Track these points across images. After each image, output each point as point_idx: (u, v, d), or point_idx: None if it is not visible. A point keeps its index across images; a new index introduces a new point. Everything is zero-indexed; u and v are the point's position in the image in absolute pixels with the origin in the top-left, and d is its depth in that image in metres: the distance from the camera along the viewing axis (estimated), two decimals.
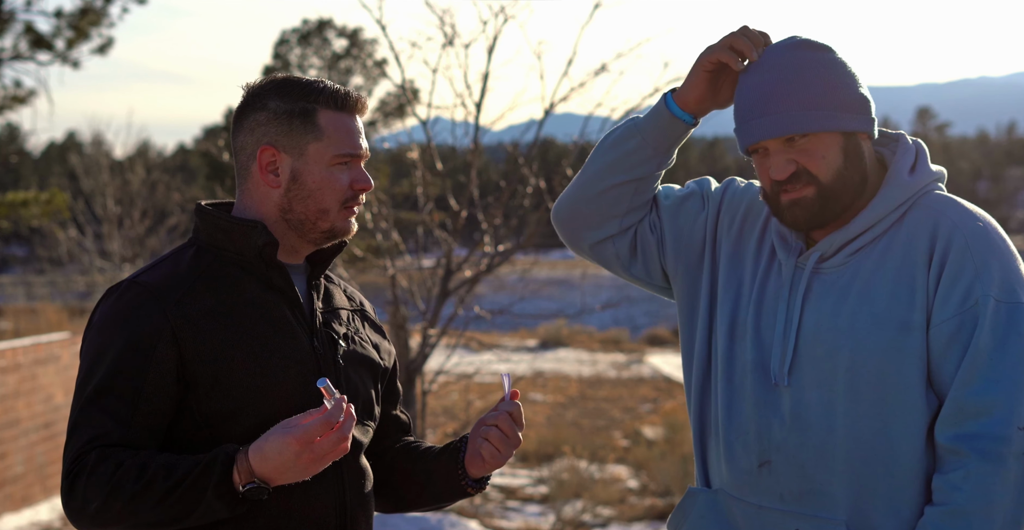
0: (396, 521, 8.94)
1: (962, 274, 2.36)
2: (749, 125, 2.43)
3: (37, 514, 9.59)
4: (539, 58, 9.17)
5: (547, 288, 27.49)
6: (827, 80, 2.41)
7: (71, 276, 26.91)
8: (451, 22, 9.13)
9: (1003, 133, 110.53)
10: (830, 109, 2.40)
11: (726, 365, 2.54)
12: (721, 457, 2.53)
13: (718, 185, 2.71)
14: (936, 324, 2.36)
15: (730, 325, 2.54)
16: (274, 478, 2.20)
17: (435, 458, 2.55)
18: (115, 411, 2.25)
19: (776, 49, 2.46)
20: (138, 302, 2.31)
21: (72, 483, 2.23)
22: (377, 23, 9.17)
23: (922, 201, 2.46)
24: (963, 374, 2.33)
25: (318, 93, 2.39)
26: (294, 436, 2.16)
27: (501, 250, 9.46)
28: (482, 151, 9.79)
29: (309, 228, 2.40)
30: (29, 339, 10.25)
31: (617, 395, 19.60)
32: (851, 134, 2.42)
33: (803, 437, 2.41)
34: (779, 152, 2.41)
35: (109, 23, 19.96)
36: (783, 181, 2.41)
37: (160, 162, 39.81)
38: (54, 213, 19.95)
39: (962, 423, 2.32)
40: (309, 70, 38.75)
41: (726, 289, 2.58)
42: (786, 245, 2.51)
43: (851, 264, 2.44)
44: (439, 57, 9.16)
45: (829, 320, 2.41)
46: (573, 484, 10.80)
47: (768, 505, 2.46)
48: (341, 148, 2.39)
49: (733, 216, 2.63)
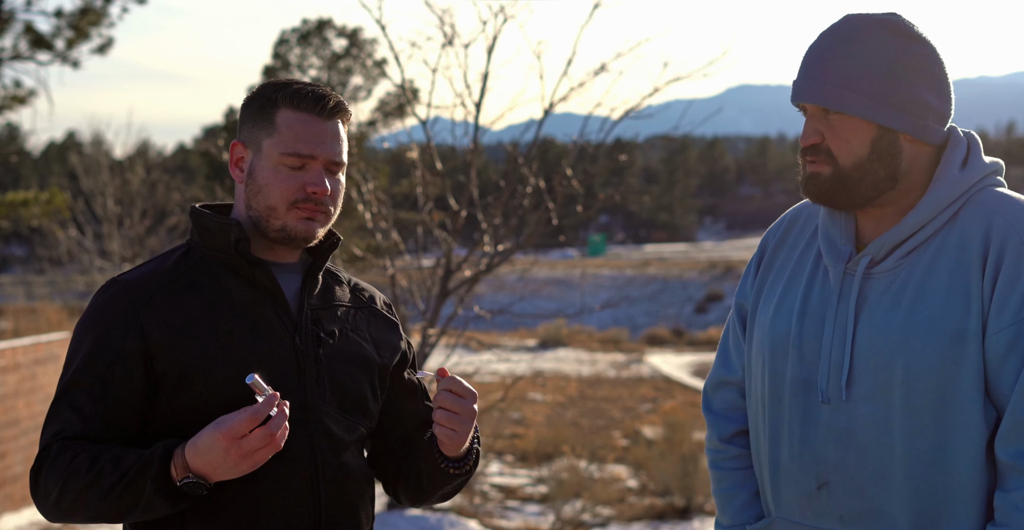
0: (396, 521, 8.94)
1: (1019, 279, 2.22)
2: (797, 82, 2.36)
3: (37, 514, 9.59)
4: (539, 58, 9.18)
5: (547, 288, 27.49)
6: (887, 68, 2.29)
7: (71, 276, 26.91)
8: (451, 22, 9.15)
9: (1002, 133, 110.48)
10: (874, 98, 2.29)
11: (772, 384, 2.43)
12: (779, 482, 2.43)
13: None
14: (993, 333, 2.23)
15: (771, 342, 2.43)
16: (208, 474, 2.21)
17: (423, 447, 2.54)
18: (81, 406, 2.29)
19: (863, 19, 2.33)
20: (112, 300, 2.35)
21: (36, 474, 2.29)
22: (377, 23, 9.17)
23: (977, 198, 2.32)
24: (1022, 387, 2.20)
25: (282, 91, 2.38)
26: (221, 431, 2.18)
27: (501, 250, 9.46)
28: (482, 151, 9.80)
29: (264, 226, 2.39)
30: (29, 339, 10.25)
31: (617, 395, 19.60)
32: (889, 131, 2.31)
33: (860, 456, 2.31)
34: (813, 118, 2.35)
35: (109, 23, 19.97)
36: (805, 148, 2.35)
37: (160, 162, 39.82)
38: (54, 213, 19.96)
39: (1022, 439, 2.21)
40: (309, 70, 38.74)
41: (765, 305, 2.49)
42: (834, 250, 2.40)
43: (904, 268, 2.32)
44: (439, 57, 9.17)
45: (881, 331, 2.29)
46: (572, 484, 10.80)
47: (829, 527, 2.36)
48: (288, 146, 2.35)
49: (770, 242, 2.57)
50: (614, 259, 66.52)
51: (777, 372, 2.42)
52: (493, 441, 12.78)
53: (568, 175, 9.50)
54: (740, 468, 2.58)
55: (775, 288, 2.49)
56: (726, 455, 2.59)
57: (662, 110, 9.19)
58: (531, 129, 9.65)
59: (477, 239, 9.67)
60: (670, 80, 9.37)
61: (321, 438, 2.38)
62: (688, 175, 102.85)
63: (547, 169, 10.77)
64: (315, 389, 2.39)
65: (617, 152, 11.57)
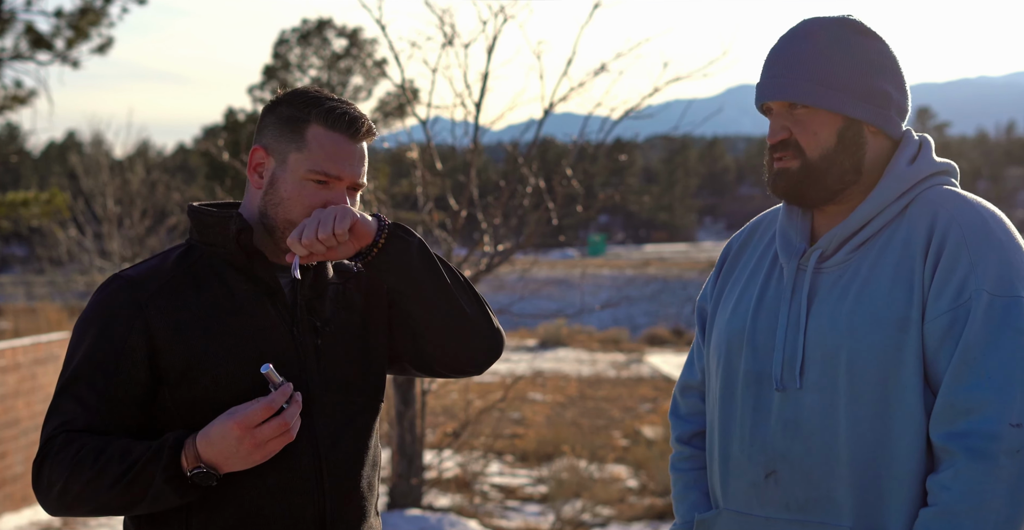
0: (396, 520, 8.95)
1: (957, 268, 2.28)
2: (762, 84, 2.44)
3: (37, 514, 9.60)
4: (539, 58, 9.18)
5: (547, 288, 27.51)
6: (849, 62, 2.37)
7: (71, 276, 26.91)
8: (451, 22, 9.15)
9: (1002, 133, 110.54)
10: (838, 89, 2.36)
11: (725, 378, 2.50)
12: (729, 474, 2.48)
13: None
14: (930, 320, 2.29)
15: (727, 338, 2.50)
16: (219, 464, 2.23)
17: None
18: (85, 399, 2.30)
19: (820, 21, 2.43)
20: (115, 294, 2.36)
21: (39, 466, 2.29)
22: (377, 23, 9.18)
23: (925, 195, 2.39)
24: (953, 370, 2.26)
25: (315, 107, 2.39)
26: (235, 421, 2.20)
27: (501, 250, 9.47)
28: (482, 151, 9.80)
29: (278, 236, 2.41)
30: (29, 339, 10.25)
31: (616, 395, 19.60)
32: (855, 121, 2.38)
33: (807, 444, 2.37)
34: (779, 116, 2.41)
35: (109, 23, 19.98)
36: (774, 146, 2.42)
37: (160, 162, 39.86)
38: (54, 213, 19.96)
39: (953, 421, 2.26)
40: (309, 70, 38.75)
41: (724, 305, 2.57)
42: (789, 247, 2.47)
43: (853, 261, 2.39)
44: (439, 57, 9.18)
45: (829, 321, 2.36)
46: (572, 484, 10.81)
47: (775, 516, 2.41)
48: (317, 165, 2.37)
49: (732, 248, 2.66)
50: (614, 259, 66.53)
51: (731, 366, 2.49)
52: (493, 441, 12.79)
53: (568, 175, 9.50)
54: (694, 468, 2.66)
55: (734, 290, 2.57)
56: (682, 456, 2.68)
57: (662, 110, 9.20)
58: (531, 129, 9.67)
59: (477, 239, 9.67)
60: (670, 80, 9.38)
61: (323, 429, 2.40)
62: (688, 175, 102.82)
63: (547, 169, 10.79)
64: (316, 380, 2.41)
65: (617, 152, 11.58)
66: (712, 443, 2.55)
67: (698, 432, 2.66)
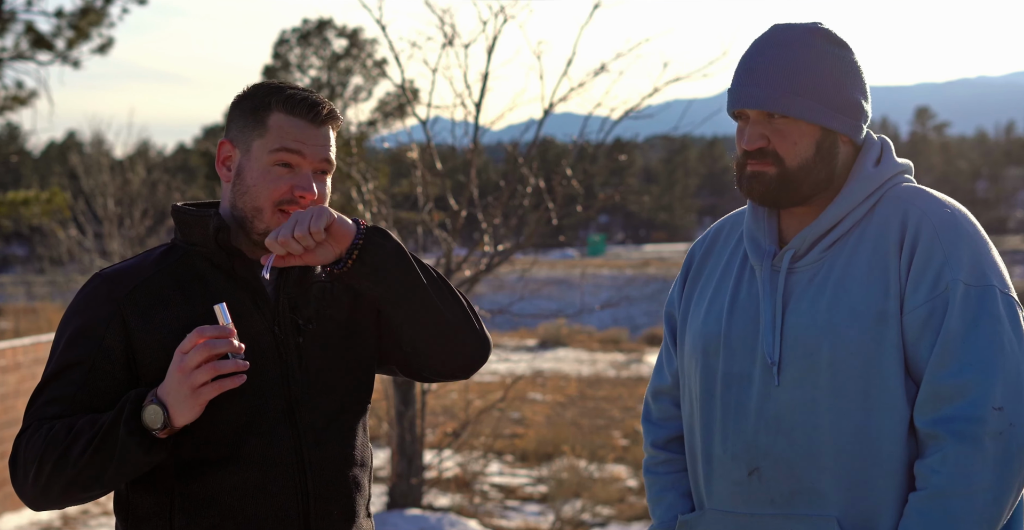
0: (396, 520, 8.95)
1: (932, 260, 2.36)
2: (738, 90, 2.47)
3: (37, 514, 9.61)
4: (539, 58, 9.19)
5: (546, 288, 27.54)
6: (827, 74, 2.43)
7: (71, 276, 26.90)
8: (451, 22, 9.15)
9: (1002, 133, 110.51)
10: (818, 101, 2.42)
11: (704, 380, 2.54)
12: (712, 474, 2.52)
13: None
14: (908, 311, 2.37)
15: (704, 341, 2.55)
16: (165, 399, 2.23)
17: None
18: (60, 395, 2.31)
19: (795, 29, 2.49)
20: (95, 291, 2.37)
21: (13, 462, 2.30)
22: (377, 23, 9.18)
23: (891, 193, 2.48)
24: (936, 358, 2.34)
25: (276, 95, 2.40)
26: (176, 361, 2.22)
27: (500, 250, 9.47)
28: (482, 151, 9.81)
29: (248, 227, 2.40)
30: (29, 339, 10.25)
31: (616, 394, 19.61)
32: (831, 132, 2.45)
33: (789, 438, 2.42)
34: (757, 124, 2.45)
35: (109, 23, 20.00)
36: (750, 152, 2.45)
37: (160, 162, 39.84)
38: (54, 213, 19.98)
39: (938, 407, 2.33)
40: (309, 70, 38.76)
41: (695, 309, 2.61)
42: (759, 250, 2.52)
43: (826, 260, 2.45)
44: (439, 57, 9.18)
45: (808, 318, 2.42)
46: (572, 483, 10.81)
47: (760, 512, 2.45)
48: (278, 142, 2.37)
49: (696, 254, 2.70)
50: (614, 259, 66.52)
51: (709, 368, 2.54)
52: (493, 441, 12.79)
53: (568, 175, 9.50)
54: (670, 472, 2.70)
55: (705, 293, 2.62)
56: (657, 460, 2.72)
57: (662, 110, 9.20)
58: (531, 129, 9.66)
59: (477, 239, 9.67)
60: (670, 80, 9.38)
61: (306, 429, 2.39)
62: (688, 175, 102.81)
63: (547, 169, 10.78)
64: (298, 378, 2.40)
65: (617, 152, 11.58)
66: (693, 445, 2.59)
67: (673, 437, 2.71)
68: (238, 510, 2.32)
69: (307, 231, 2.29)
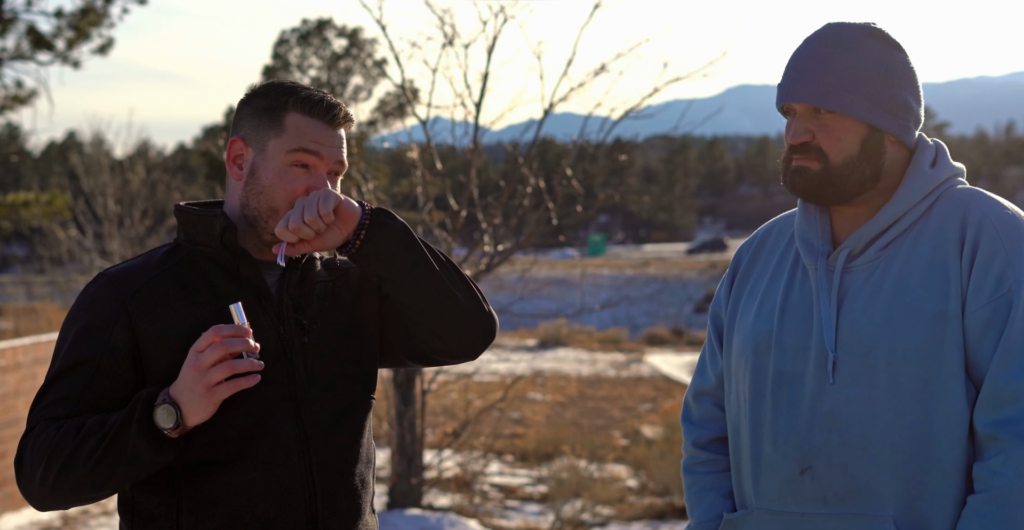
0: (396, 520, 8.95)
1: (994, 261, 2.35)
2: (788, 84, 2.48)
3: (37, 513, 9.61)
4: (539, 58, 9.19)
5: (547, 287, 27.55)
6: (876, 72, 2.44)
7: (71, 276, 26.90)
8: (451, 22, 9.16)
9: (1001, 133, 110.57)
10: (865, 99, 2.42)
11: (754, 380, 2.53)
12: (761, 473, 2.50)
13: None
14: (971, 312, 2.35)
15: (754, 340, 2.54)
16: (178, 398, 2.23)
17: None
18: (67, 395, 2.30)
19: (847, 27, 2.49)
20: (100, 291, 2.36)
21: (19, 462, 2.28)
22: (377, 23, 9.18)
23: (948, 194, 2.47)
24: (998, 360, 2.32)
25: (292, 95, 2.41)
26: (190, 349, 2.23)
27: (500, 250, 9.48)
28: (482, 151, 9.81)
29: (261, 227, 2.41)
30: (29, 339, 10.25)
31: (616, 394, 19.61)
32: (878, 130, 2.45)
33: (844, 436, 2.40)
34: (803, 118, 2.46)
35: (109, 23, 20.00)
36: (795, 147, 2.46)
37: (160, 162, 39.81)
38: (54, 213, 19.97)
39: (999, 409, 2.31)
40: (309, 70, 38.76)
41: (745, 309, 2.60)
42: (812, 250, 2.52)
43: (882, 259, 2.45)
44: (439, 57, 9.18)
45: (865, 316, 2.41)
46: (572, 483, 10.82)
47: (812, 511, 2.43)
48: (296, 143, 2.38)
49: (744, 256, 2.69)
50: (614, 259, 66.53)
51: (760, 368, 2.52)
52: (493, 441, 12.79)
53: (568, 175, 9.51)
54: (711, 472, 2.69)
55: (755, 294, 2.61)
56: (698, 460, 2.71)
57: (662, 110, 9.20)
58: (531, 129, 9.66)
59: (477, 239, 9.68)
60: (670, 80, 9.38)
61: (313, 427, 2.39)
62: (688, 175, 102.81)
63: (547, 169, 10.78)
64: (304, 378, 2.41)
65: (617, 152, 11.58)
66: (740, 445, 2.57)
67: (715, 437, 2.70)
68: (246, 510, 2.32)
69: (317, 214, 2.32)
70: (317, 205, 2.32)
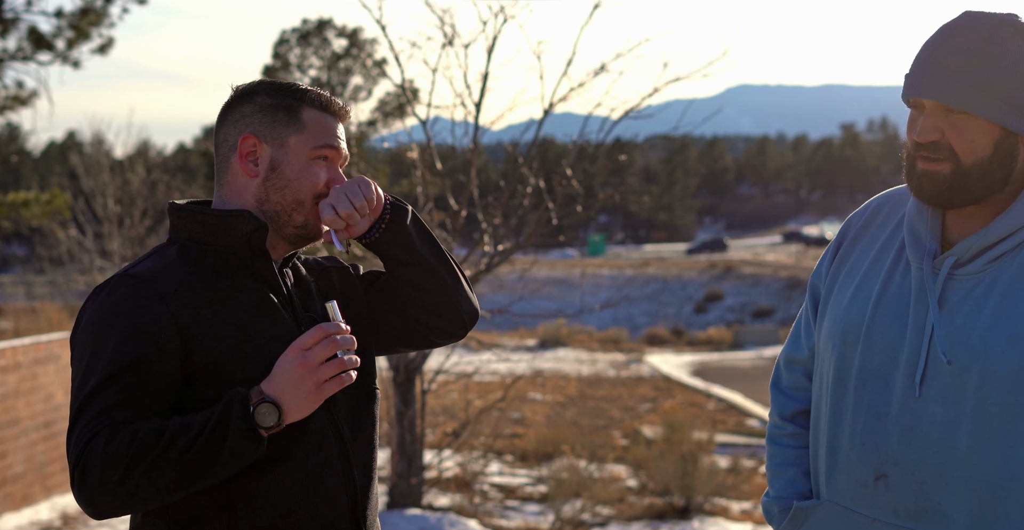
0: (396, 520, 8.96)
1: None
2: (918, 77, 2.32)
3: (37, 513, 9.60)
4: (539, 58, 9.19)
5: (546, 287, 27.55)
6: (1015, 71, 2.26)
7: (71, 276, 26.92)
8: (451, 22, 9.16)
9: None
10: (1003, 100, 2.26)
11: (838, 372, 2.44)
12: (836, 467, 2.44)
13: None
14: None
15: (843, 329, 2.44)
16: (279, 396, 2.25)
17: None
18: (128, 397, 2.25)
19: (986, 19, 2.31)
20: (135, 294, 2.31)
21: (84, 468, 2.20)
22: (377, 23, 9.19)
23: None
24: None
25: (304, 93, 2.49)
26: (291, 346, 2.26)
27: (500, 250, 9.48)
28: (482, 151, 9.81)
29: (284, 220, 2.44)
30: (29, 339, 10.25)
31: (616, 394, 19.62)
32: (1012, 133, 2.29)
33: (922, 453, 2.31)
34: (933, 115, 2.31)
35: (109, 23, 19.99)
36: (922, 145, 2.32)
37: (160, 162, 39.86)
38: (55, 213, 19.97)
39: None
40: (309, 70, 38.77)
41: (840, 291, 2.50)
42: (919, 246, 2.39)
43: (989, 273, 2.31)
44: (439, 57, 9.18)
45: (961, 333, 2.28)
46: (572, 483, 10.82)
47: (883, 519, 2.36)
48: (319, 140, 2.46)
49: (852, 227, 2.56)
50: (614, 259, 66.54)
51: (845, 360, 2.43)
52: (493, 441, 12.80)
53: (568, 175, 9.51)
54: (794, 446, 2.62)
55: (853, 275, 2.49)
56: (784, 431, 2.64)
57: (662, 110, 9.20)
58: (531, 129, 9.67)
59: (477, 239, 9.68)
60: (670, 80, 9.38)
61: (343, 420, 2.45)
62: (688, 175, 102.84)
63: (547, 169, 10.78)
64: None
65: (617, 152, 11.59)
66: (819, 431, 2.51)
67: (802, 410, 2.62)
68: (300, 502, 2.35)
69: (364, 200, 2.43)
70: (362, 192, 2.43)
